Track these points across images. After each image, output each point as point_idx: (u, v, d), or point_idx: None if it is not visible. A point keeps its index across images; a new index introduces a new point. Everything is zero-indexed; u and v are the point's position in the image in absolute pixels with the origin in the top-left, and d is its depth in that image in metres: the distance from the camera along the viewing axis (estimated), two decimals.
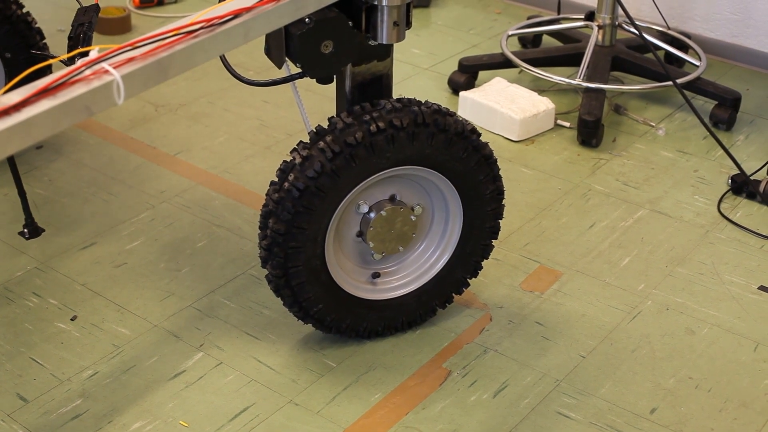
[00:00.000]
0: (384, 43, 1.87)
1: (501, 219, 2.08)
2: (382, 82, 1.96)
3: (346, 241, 2.02)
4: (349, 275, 2.04)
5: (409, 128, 1.86)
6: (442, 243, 2.08)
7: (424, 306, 2.11)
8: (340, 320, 2.03)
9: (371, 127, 1.84)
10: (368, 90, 1.94)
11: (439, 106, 1.91)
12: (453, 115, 1.92)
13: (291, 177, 1.85)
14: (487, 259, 2.12)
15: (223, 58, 1.88)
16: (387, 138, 1.85)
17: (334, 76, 1.95)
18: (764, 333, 2.15)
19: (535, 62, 3.07)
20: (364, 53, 1.90)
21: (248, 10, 1.55)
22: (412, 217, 2.01)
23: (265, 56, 1.96)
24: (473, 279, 2.15)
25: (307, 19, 1.78)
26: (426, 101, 1.92)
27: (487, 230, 2.08)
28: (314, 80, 1.91)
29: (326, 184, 1.84)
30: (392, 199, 1.99)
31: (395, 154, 1.88)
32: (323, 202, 1.87)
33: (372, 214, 1.97)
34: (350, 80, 1.93)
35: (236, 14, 1.53)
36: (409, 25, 1.89)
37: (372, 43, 1.88)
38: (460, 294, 2.14)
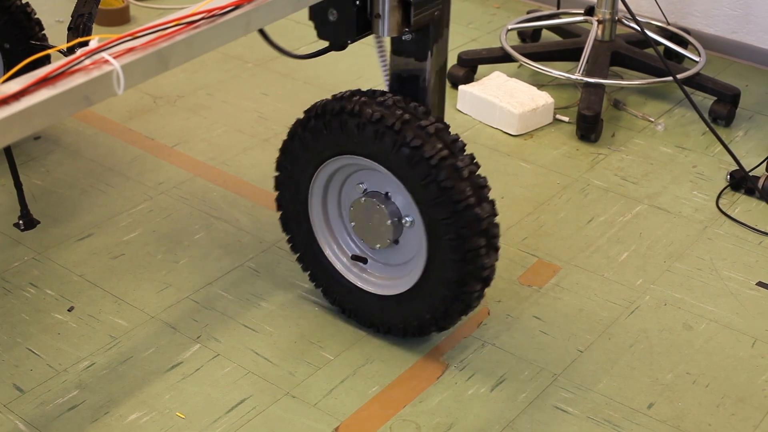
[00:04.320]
0: (385, 36, 1.86)
1: (471, 281, 1.89)
2: (419, 83, 1.94)
3: (343, 208, 2.07)
4: (331, 239, 2.09)
5: (378, 126, 1.85)
6: (406, 269, 2.02)
7: (386, 317, 2.05)
8: (318, 277, 2.13)
9: (352, 107, 1.87)
10: (406, 84, 1.95)
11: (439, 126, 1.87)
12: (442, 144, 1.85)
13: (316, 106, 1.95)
14: (452, 319, 1.97)
15: (263, 32, 1.86)
16: (358, 124, 1.87)
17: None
18: (762, 329, 2.15)
19: (535, 57, 3.07)
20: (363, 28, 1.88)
21: (250, 1, 1.55)
22: (388, 222, 1.96)
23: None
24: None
25: None
26: (416, 109, 1.88)
27: (450, 282, 1.90)
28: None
29: (316, 126, 1.93)
30: (386, 196, 1.98)
31: (357, 145, 1.89)
32: (307, 148, 1.97)
33: (362, 197, 1.98)
34: (392, 68, 1.96)
35: (238, 5, 1.53)
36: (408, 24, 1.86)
37: (405, 37, 1.88)
38: (422, 335, 2.03)
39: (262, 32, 1.84)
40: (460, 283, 1.89)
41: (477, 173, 1.86)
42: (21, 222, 2.40)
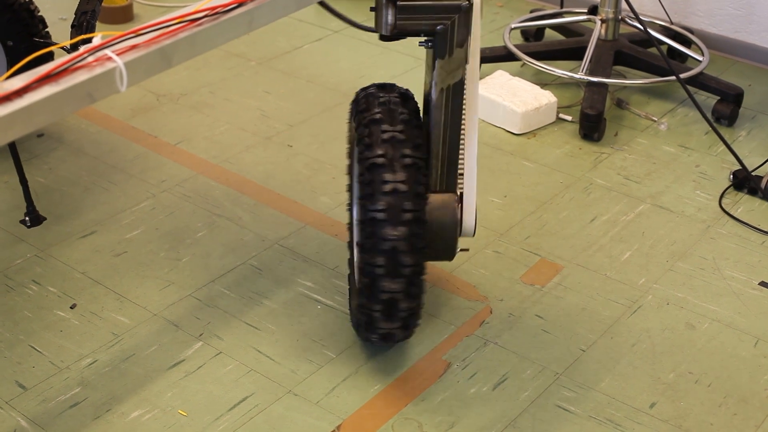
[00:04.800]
0: (382, 31, 1.85)
1: (368, 295, 1.87)
2: (429, 95, 1.92)
3: None
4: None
5: (360, 117, 1.91)
6: None
7: (352, 302, 2.07)
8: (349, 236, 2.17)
9: (358, 97, 1.95)
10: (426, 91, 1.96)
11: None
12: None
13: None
14: (362, 330, 1.97)
15: (323, 3, 1.84)
16: (356, 112, 1.93)
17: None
18: (765, 328, 2.14)
19: (538, 56, 3.06)
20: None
21: None
22: None
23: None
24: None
25: None
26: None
27: (358, 289, 1.92)
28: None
29: (352, 107, 2.00)
30: None
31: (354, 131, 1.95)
32: (349, 123, 2.06)
33: None
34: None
35: (240, 3, 1.53)
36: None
37: (421, 44, 1.88)
38: (359, 335, 2.05)
39: (323, 3, 1.82)
40: (360, 293, 1.88)
41: (408, 195, 1.80)
42: (27, 218, 2.40)
